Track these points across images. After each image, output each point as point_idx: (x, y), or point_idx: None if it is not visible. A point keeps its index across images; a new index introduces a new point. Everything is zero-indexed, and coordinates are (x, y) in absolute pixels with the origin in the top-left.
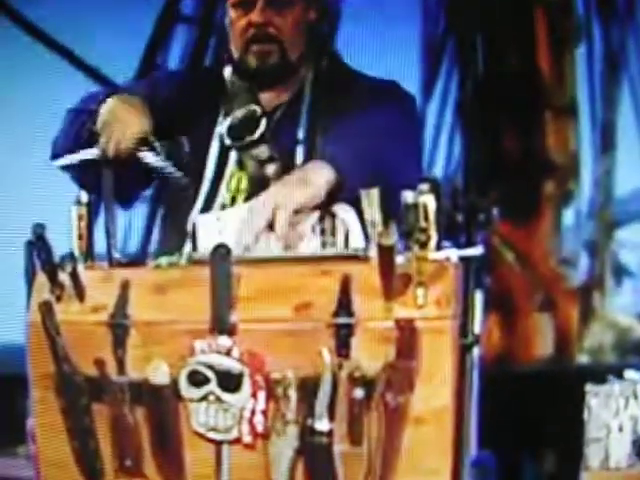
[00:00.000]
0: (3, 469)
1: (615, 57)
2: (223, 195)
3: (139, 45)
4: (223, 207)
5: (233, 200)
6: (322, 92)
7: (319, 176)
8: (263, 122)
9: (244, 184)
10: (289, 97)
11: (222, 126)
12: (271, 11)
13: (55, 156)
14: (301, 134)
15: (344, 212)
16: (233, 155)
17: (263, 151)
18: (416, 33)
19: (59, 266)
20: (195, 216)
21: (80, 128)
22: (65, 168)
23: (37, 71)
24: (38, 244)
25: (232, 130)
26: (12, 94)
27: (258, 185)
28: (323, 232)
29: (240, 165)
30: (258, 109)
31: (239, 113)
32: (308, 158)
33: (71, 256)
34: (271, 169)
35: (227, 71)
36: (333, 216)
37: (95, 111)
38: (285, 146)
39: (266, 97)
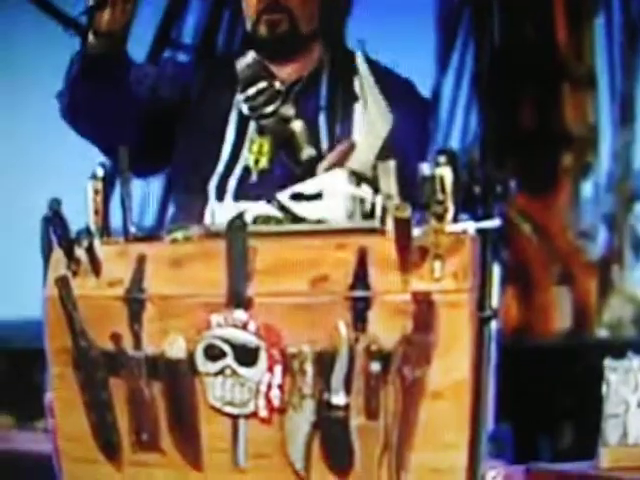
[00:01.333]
0: (22, 443)
1: (635, 27)
2: (246, 158)
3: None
4: (246, 169)
5: (257, 162)
6: (340, 75)
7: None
8: (282, 92)
9: (266, 148)
10: (307, 73)
11: (240, 97)
12: None
13: (63, 112)
14: (323, 102)
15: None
16: (252, 124)
17: (288, 109)
18: (431, 3)
19: (75, 241)
20: (213, 204)
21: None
22: (76, 124)
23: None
24: (54, 219)
25: (251, 101)
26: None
27: (284, 145)
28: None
29: (260, 132)
30: (277, 83)
31: (259, 85)
32: (331, 124)
33: (87, 231)
34: (298, 125)
35: (248, 53)
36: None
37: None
38: (307, 114)
39: (283, 71)
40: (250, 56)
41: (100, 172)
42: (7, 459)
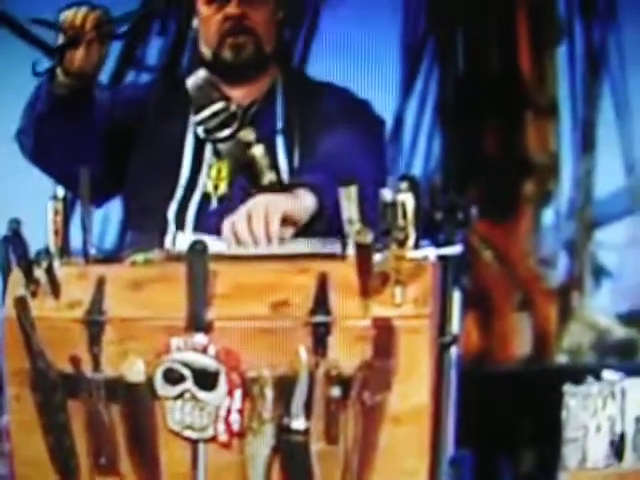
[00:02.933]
0: None
1: (596, 56)
2: (204, 183)
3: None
4: (206, 195)
5: (216, 187)
6: (294, 95)
7: (306, 196)
8: (239, 114)
9: (224, 172)
10: (262, 94)
11: (196, 121)
12: (246, 4)
13: (19, 132)
14: (279, 124)
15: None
16: (209, 147)
17: (248, 133)
18: (396, 32)
19: (35, 262)
20: (175, 234)
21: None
22: (43, 164)
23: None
24: (14, 239)
25: (207, 124)
26: None
27: (243, 169)
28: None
29: (217, 155)
30: (232, 104)
31: (213, 107)
32: (289, 146)
33: (47, 252)
34: (258, 150)
35: (197, 75)
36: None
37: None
38: (265, 136)
39: (237, 92)
40: (200, 75)
41: (60, 193)
42: None
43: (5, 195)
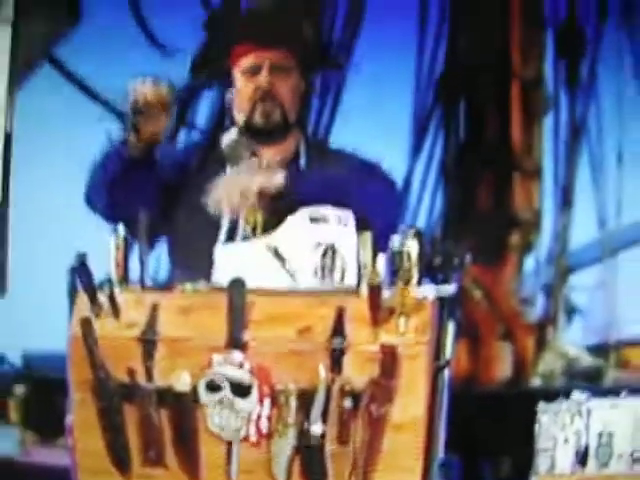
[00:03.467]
0: (46, 457)
1: (578, 127)
2: (243, 228)
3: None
4: (245, 238)
5: (253, 230)
6: (315, 156)
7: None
8: None
9: (260, 218)
10: (289, 155)
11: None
12: (275, 76)
13: (89, 190)
14: None
15: (345, 248)
16: None
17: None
18: (408, 103)
19: (98, 288)
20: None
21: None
22: (114, 215)
23: (85, 124)
24: (80, 270)
25: None
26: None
27: (274, 218)
28: (323, 269)
29: (252, 206)
30: (265, 161)
31: (247, 162)
32: None
33: (109, 281)
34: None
35: (228, 135)
36: (334, 252)
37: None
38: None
39: (268, 153)
40: (232, 134)
41: (121, 231)
42: (30, 471)
43: (72, 231)
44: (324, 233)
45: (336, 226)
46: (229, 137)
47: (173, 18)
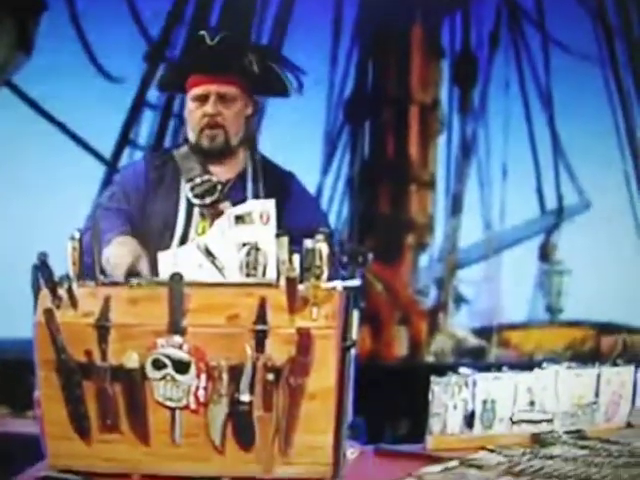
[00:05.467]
0: (17, 427)
1: (468, 145)
2: (192, 238)
3: (118, 123)
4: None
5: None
6: (259, 173)
7: None
8: (219, 187)
9: (207, 230)
10: (236, 173)
11: (186, 190)
12: (220, 105)
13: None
14: (250, 197)
15: (266, 245)
16: (196, 210)
17: (226, 205)
18: (320, 127)
19: (58, 283)
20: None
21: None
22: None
23: (36, 140)
24: (42, 267)
25: (195, 192)
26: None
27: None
28: (248, 265)
29: (202, 216)
30: (214, 178)
31: (199, 180)
32: None
33: (67, 277)
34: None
35: (182, 149)
36: (257, 250)
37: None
38: (237, 205)
39: (218, 170)
40: (186, 148)
41: (76, 235)
42: (4, 439)
43: (33, 234)
44: (248, 233)
45: (259, 225)
46: (183, 152)
47: (117, 48)
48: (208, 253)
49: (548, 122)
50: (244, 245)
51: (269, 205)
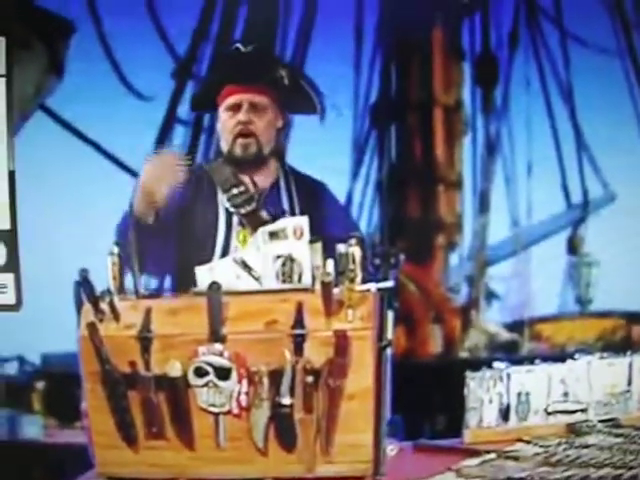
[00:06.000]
0: (66, 437)
1: (492, 144)
2: (234, 245)
3: (151, 139)
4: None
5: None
6: (292, 183)
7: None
8: (256, 197)
9: (248, 238)
10: (270, 183)
11: (224, 200)
12: (252, 114)
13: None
14: (285, 206)
15: (300, 256)
16: (235, 218)
17: (264, 214)
18: (347, 132)
19: (100, 298)
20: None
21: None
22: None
23: (72, 162)
24: (83, 283)
25: (233, 202)
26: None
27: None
28: (284, 274)
29: (242, 224)
30: (251, 187)
31: (235, 191)
32: None
33: (108, 291)
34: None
35: (214, 163)
36: (292, 260)
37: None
38: (274, 214)
39: (251, 180)
40: (218, 163)
41: (115, 250)
42: (53, 450)
43: (76, 250)
44: (282, 247)
45: (292, 240)
46: (215, 165)
47: (145, 66)
48: (244, 265)
49: (570, 117)
50: (279, 257)
51: (302, 220)
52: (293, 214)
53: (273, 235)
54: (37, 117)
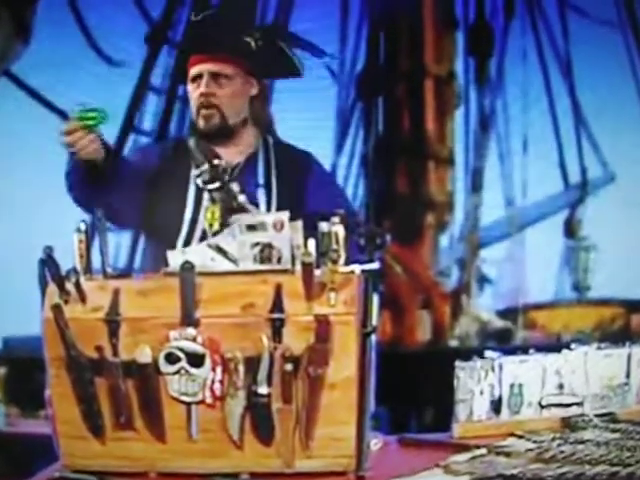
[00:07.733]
0: (28, 427)
1: (486, 118)
2: (202, 223)
3: (122, 108)
4: (203, 232)
5: (210, 226)
6: (272, 155)
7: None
8: (227, 172)
9: (217, 214)
10: (246, 156)
11: (195, 174)
12: (214, 84)
13: (69, 187)
14: (261, 180)
15: (280, 244)
16: (205, 195)
17: (235, 186)
18: (332, 103)
19: (65, 278)
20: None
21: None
22: (84, 208)
23: (36, 129)
24: (48, 261)
25: (202, 177)
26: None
27: (232, 212)
28: (262, 260)
29: (212, 200)
30: (222, 162)
31: (205, 166)
32: (268, 196)
33: (74, 270)
34: (242, 198)
35: (193, 137)
36: (270, 247)
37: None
38: (248, 189)
39: (224, 153)
40: (195, 138)
41: (83, 227)
42: (15, 440)
43: (40, 227)
44: (260, 236)
45: (272, 232)
46: (193, 139)
47: (117, 31)
48: (219, 250)
49: (568, 91)
50: (257, 244)
51: (282, 215)
52: (269, 187)
53: (251, 228)
54: (1, 84)
